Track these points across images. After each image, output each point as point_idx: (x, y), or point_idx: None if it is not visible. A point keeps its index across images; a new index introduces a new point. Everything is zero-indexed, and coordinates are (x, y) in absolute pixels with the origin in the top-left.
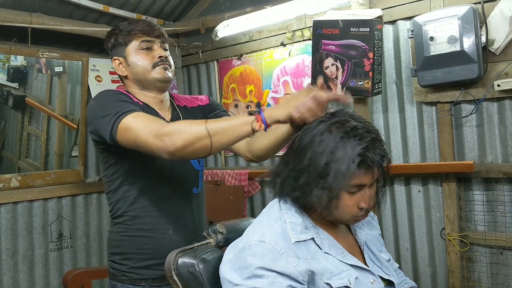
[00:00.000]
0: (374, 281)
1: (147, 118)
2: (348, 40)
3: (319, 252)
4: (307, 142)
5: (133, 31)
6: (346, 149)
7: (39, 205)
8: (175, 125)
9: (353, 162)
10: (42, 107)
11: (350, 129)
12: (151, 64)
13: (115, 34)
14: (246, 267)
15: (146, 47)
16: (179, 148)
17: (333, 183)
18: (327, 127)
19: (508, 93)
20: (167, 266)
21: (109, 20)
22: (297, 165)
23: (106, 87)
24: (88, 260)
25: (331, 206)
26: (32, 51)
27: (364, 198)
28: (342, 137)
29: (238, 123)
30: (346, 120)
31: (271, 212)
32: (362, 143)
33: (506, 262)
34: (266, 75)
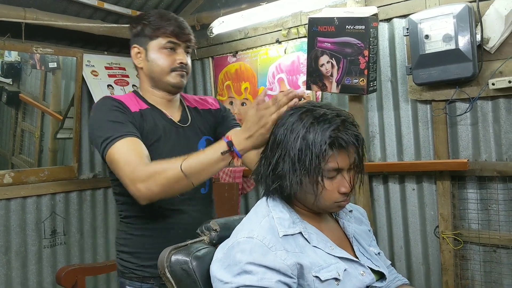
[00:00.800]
0: (364, 273)
1: (130, 152)
2: (344, 37)
3: (307, 246)
4: (280, 134)
5: (162, 29)
6: (317, 132)
7: (33, 201)
8: (150, 168)
9: (325, 143)
10: (36, 103)
11: (320, 115)
12: (170, 67)
13: (144, 24)
14: (235, 264)
15: (170, 48)
16: (157, 194)
17: (310, 167)
18: (297, 117)
19: (503, 92)
20: (160, 263)
21: (103, 16)
22: (273, 158)
23: (103, 81)
24: (82, 257)
25: (312, 192)
26: (26, 47)
27: (344, 183)
28: (312, 122)
29: (215, 160)
30: (315, 108)
31: (258, 209)
32: (332, 125)
33: (500, 260)
34: (262, 72)
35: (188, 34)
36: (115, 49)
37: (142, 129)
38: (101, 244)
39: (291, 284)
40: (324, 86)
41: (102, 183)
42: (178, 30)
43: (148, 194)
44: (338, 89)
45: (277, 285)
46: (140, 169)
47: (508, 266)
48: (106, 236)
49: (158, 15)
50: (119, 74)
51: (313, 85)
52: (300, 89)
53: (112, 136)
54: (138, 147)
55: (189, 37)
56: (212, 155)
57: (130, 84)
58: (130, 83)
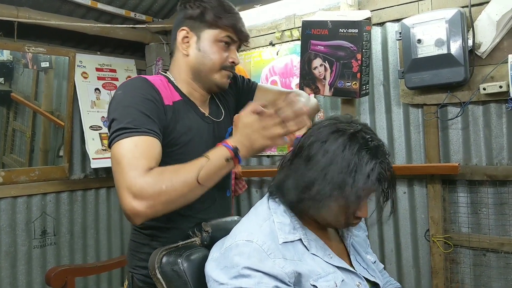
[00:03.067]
0: (360, 284)
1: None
2: (337, 41)
3: (306, 253)
4: (318, 151)
5: (224, 20)
6: (362, 164)
7: (23, 201)
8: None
9: (368, 177)
10: (27, 103)
11: (364, 141)
12: (221, 64)
13: (204, 8)
14: (233, 266)
15: (225, 42)
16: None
17: (348, 197)
18: (339, 138)
19: (493, 97)
20: (151, 264)
21: (97, 16)
22: (307, 174)
23: (92, 84)
24: (72, 258)
25: (335, 215)
26: (18, 46)
27: (363, 209)
28: (357, 151)
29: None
30: (357, 130)
31: (259, 211)
32: (375, 158)
33: (489, 264)
34: (255, 74)
35: (247, 32)
36: (108, 49)
37: (173, 126)
38: (92, 245)
39: None
40: (317, 89)
41: (93, 184)
42: (239, 26)
43: (148, 213)
44: (330, 92)
45: None
46: (147, 184)
47: (498, 269)
48: (97, 237)
49: (220, 3)
50: (108, 77)
51: (306, 87)
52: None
53: (131, 128)
54: (153, 151)
55: (247, 36)
56: (217, 161)
57: None
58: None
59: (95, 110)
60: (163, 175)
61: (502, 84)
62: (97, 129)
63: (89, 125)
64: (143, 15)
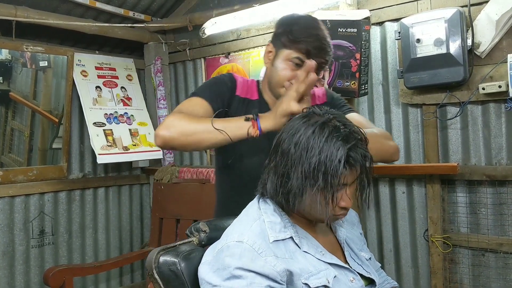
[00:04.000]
0: (354, 279)
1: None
2: (336, 40)
3: (297, 251)
4: (291, 145)
5: (299, 44)
6: (332, 150)
7: (21, 201)
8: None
9: (339, 162)
10: (26, 102)
11: (334, 129)
12: (285, 81)
13: (285, 30)
14: (225, 268)
15: (296, 63)
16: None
17: (321, 184)
18: (310, 128)
19: (492, 97)
20: (148, 264)
21: (95, 15)
22: (284, 169)
23: (92, 82)
24: (70, 257)
25: (315, 206)
26: (17, 45)
27: (345, 198)
28: (327, 137)
29: (236, 126)
30: (328, 119)
31: (249, 212)
32: (346, 143)
33: (488, 264)
34: (254, 74)
35: (322, 57)
36: (107, 48)
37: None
38: (90, 245)
39: None
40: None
41: (91, 183)
42: (314, 51)
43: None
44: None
45: None
46: (174, 116)
47: (496, 269)
48: (95, 237)
49: (304, 26)
50: (108, 75)
51: None
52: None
53: (197, 92)
54: (199, 107)
55: (322, 60)
56: (237, 120)
57: (119, 86)
58: (119, 84)
59: (97, 107)
60: (188, 115)
61: (501, 84)
62: (101, 125)
63: (92, 121)
64: (141, 14)
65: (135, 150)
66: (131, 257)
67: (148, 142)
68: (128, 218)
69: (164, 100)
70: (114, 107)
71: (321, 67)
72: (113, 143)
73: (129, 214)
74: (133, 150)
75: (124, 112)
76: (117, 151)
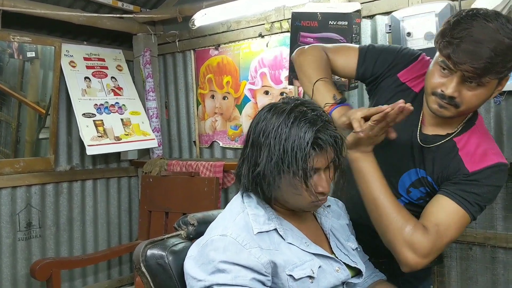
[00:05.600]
0: (339, 269)
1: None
2: (326, 33)
3: (282, 243)
4: (260, 133)
5: (440, 45)
6: (299, 133)
7: (7, 193)
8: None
9: (307, 144)
10: (13, 93)
11: (301, 114)
12: (431, 88)
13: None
14: (209, 262)
15: (443, 67)
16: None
17: (291, 169)
18: (278, 117)
19: None
20: (135, 258)
21: (83, 5)
22: (253, 158)
23: (81, 73)
24: (58, 250)
25: (291, 192)
26: (3, 35)
27: (321, 182)
28: (293, 122)
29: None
30: (295, 105)
31: (233, 206)
32: (313, 125)
33: (475, 257)
34: (244, 66)
35: (469, 66)
36: (95, 39)
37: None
38: (78, 238)
39: (265, 281)
40: None
41: (79, 176)
42: (456, 57)
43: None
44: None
45: (252, 282)
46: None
47: (484, 263)
48: (83, 229)
49: (455, 23)
50: (97, 66)
51: (295, 80)
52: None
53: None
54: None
55: (469, 69)
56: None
57: (109, 76)
58: (109, 75)
59: (86, 98)
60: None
61: None
62: (91, 116)
63: (81, 112)
64: (130, 5)
65: (127, 139)
66: (119, 250)
67: (141, 131)
68: (116, 211)
69: (153, 92)
70: (105, 97)
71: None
72: (103, 134)
73: (117, 207)
74: (125, 140)
75: (115, 102)
76: (108, 141)
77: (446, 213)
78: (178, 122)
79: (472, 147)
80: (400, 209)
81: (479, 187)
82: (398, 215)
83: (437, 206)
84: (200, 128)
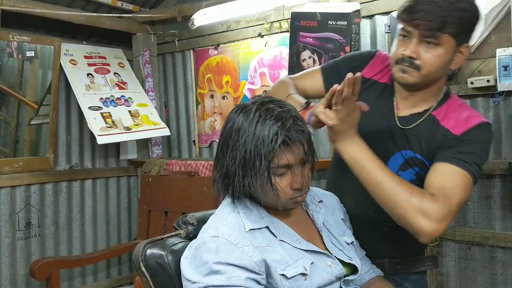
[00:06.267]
0: (332, 264)
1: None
2: (326, 33)
3: (274, 240)
4: (228, 134)
5: (399, 13)
6: (263, 131)
7: (6, 192)
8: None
9: (271, 141)
10: (12, 93)
11: (267, 111)
12: (395, 58)
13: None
14: (203, 264)
15: (403, 35)
16: None
17: (259, 168)
18: (243, 116)
19: (481, 91)
20: (135, 257)
21: (83, 4)
22: (224, 160)
23: (82, 70)
24: (57, 250)
25: (266, 192)
26: (3, 34)
27: (295, 178)
28: (258, 121)
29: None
30: (262, 103)
31: (224, 206)
32: (277, 121)
33: (474, 257)
34: (243, 66)
35: (419, 18)
36: (94, 38)
37: None
38: (77, 237)
39: (259, 280)
40: None
41: (78, 175)
42: (411, 16)
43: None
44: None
45: (246, 282)
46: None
47: (482, 262)
48: (82, 229)
49: None
50: (99, 63)
51: None
52: None
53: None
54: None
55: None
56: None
57: (112, 72)
58: (112, 71)
59: (91, 93)
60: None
61: (490, 78)
62: (97, 109)
63: (87, 106)
64: (130, 4)
65: (138, 129)
66: (119, 250)
67: (151, 121)
68: (115, 211)
69: (152, 91)
70: (110, 91)
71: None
72: (112, 125)
73: (116, 207)
74: (135, 129)
75: (121, 95)
76: (118, 131)
77: (448, 177)
78: (178, 121)
79: (452, 116)
80: (402, 182)
81: (472, 145)
82: (402, 188)
83: (436, 173)
84: (200, 128)
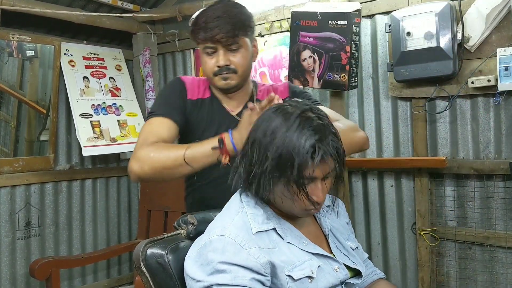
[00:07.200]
0: (338, 268)
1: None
2: (326, 32)
3: (281, 242)
4: (261, 131)
5: (197, 36)
6: (300, 140)
7: (6, 192)
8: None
9: (307, 153)
10: (12, 92)
11: (306, 120)
12: (211, 72)
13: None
14: (208, 263)
15: (209, 53)
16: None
17: (288, 175)
18: (282, 118)
19: (481, 91)
20: (135, 257)
21: (83, 4)
22: (252, 159)
23: (80, 72)
24: (57, 249)
25: (285, 197)
26: (3, 34)
27: (317, 192)
28: (297, 127)
29: (207, 153)
30: (303, 111)
31: (232, 205)
32: (316, 134)
33: (474, 257)
34: None
35: (218, 34)
36: (95, 38)
37: (193, 117)
38: (77, 237)
39: (264, 281)
40: (306, 81)
41: (78, 175)
42: (209, 34)
43: (138, 173)
44: (319, 85)
45: (251, 282)
46: (143, 148)
47: (483, 263)
48: (82, 229)
49: (196, 19)
50: (96, 65)
51: (294, 79)
52: None
53: (154, 112)
54: (162, 128)
55: (221, 37)
56: (204, 147)
57: (107, 76)
58: (107, 75)
59: (84, 98)
60: (157, 147)
61: (490, 78)
62: (88, 117)
63: (79, 112)
64: (130, 4)
65: (123, 141)
66: (119, 249)
67: (137, 133)
68: (115, 210)
69: (152, 91)
70: (102, 98)
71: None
72: (100, 135)
73: (116, 206)
74: (121, 141)
75: (112, 103)
76: (104, 142)
77: None
78: None
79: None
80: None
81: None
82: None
83: None
84: None
